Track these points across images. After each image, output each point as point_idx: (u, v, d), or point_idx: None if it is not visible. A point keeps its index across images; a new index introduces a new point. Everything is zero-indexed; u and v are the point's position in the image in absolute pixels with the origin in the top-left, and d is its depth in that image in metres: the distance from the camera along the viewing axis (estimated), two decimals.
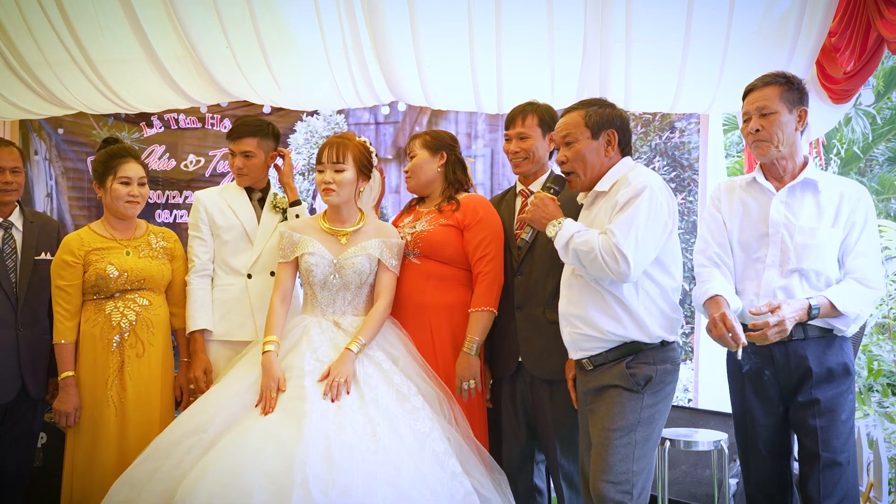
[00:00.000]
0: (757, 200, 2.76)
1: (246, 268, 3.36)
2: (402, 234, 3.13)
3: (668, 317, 2.66)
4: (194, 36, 4.21)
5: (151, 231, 3.31)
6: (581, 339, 2.68)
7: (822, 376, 2.61)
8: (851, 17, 3.45)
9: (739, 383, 2.78)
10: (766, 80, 2.73)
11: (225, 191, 3.48)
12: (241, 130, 3.39)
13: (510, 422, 3.12)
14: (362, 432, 2.61)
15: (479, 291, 3.04)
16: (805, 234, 2.65)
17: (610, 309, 2.62)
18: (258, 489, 2.39)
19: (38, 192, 5.33)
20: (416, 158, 3.19)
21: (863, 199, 2.69)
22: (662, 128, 4.68)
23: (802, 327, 2.61)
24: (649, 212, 2.54)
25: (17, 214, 3.36)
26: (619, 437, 2.57)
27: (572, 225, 2.64)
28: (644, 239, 2.53)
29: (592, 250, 2.53)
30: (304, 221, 3.16)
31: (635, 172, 2.65)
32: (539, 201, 2.73)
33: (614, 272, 2.52)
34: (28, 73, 4.50)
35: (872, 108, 9.40)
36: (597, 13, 3.77)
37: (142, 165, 3.25)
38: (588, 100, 2.81)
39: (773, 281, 2.66)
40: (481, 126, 4.91)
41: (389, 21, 4.00)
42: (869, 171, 10.36)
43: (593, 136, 2.70)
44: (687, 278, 4.64)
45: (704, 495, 3.79)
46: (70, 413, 3.10)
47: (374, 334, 2.94)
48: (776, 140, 2.68)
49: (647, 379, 2.60)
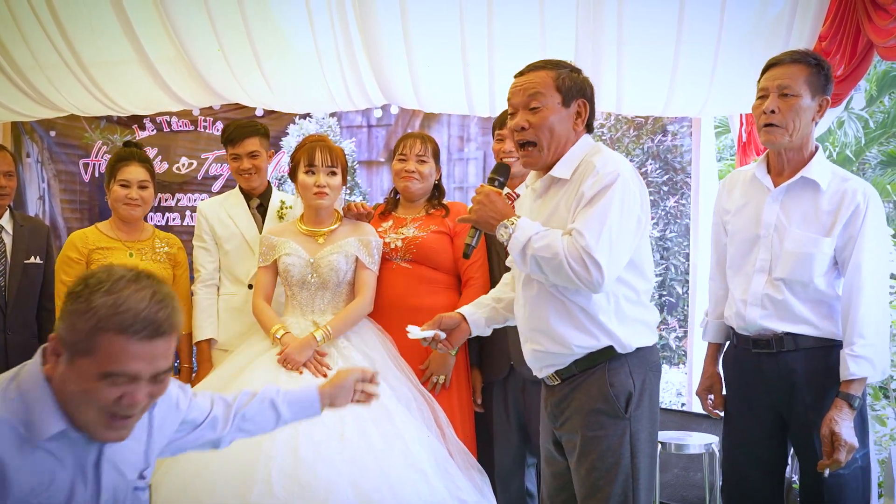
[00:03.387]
0: (754, 197, 2.52)
1: (247, 277, 3.34)
2: (388, 238, 3.13)
3: (644, 322, 2.27)
4: (186, 38, 4.20)
5: (157, 236, 3.33)
6: (544, 357, 2.26)
7: (814, 392, 2.41)
8: (841, 21, 3.46)
9: (733, 392, 2.64)
10: (794, 56, 2.43)
11: (226, 199, 3.48)
12: (243, 132, 3.37)
13: (502, 426, 3.12)
14: (332, 430, 2.62)
15: (467, 295, 3.05)
16: (795, 242, 2.41)
17: (575, 320, 2.19)
18: (222, 482, 2.43)
19: (30, 195, 5.31)
20: (428, 166, 3.16)
21: (865, 201, 2.38)
22: (655, 131, 4.69)
23: (793, 338, 2.43)
24: (623, 207, 2.10)
25: (6, 218, 3.35)
26: (611, 485, 2.18)
27: (528, 225, 2.15)
28: (618, 240, 2.09)
29: (556, 256, 2.07)
30: (283, 226, 3.20)
31: (601, 158, 2.17)
32: (484, 197, 2.20)
33: (585, 281, 2.07)
34: (20, 76, 4.49)
35: (865, 111, 9.44)
36: (588, 16, 3.78)
37: (146, 169, 3.24)
38: (554, 59, 2.30)
39: (761, 288, 2.47)
40: (474, 129, 4.91)
41: (381, 24, 4.00)
42: (861, 174, 10.39)
43: (564, 103, 2.21)
44: (679, 281, 4.66)
45: (696, 498, 3.80)
46: None
47: (344, 327, 2.94)
48: (791, 128, 2.40)
49: (627, 396, 2.20)
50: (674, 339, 4.67)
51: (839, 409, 2.32)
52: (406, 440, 2.68)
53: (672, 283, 4.70)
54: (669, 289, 4.70)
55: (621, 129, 4.76)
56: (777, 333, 2.45)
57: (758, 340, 2.50)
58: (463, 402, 3.12)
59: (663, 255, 4.69)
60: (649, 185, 4.66)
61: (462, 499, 2.67)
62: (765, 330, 2.47)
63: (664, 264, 4.69)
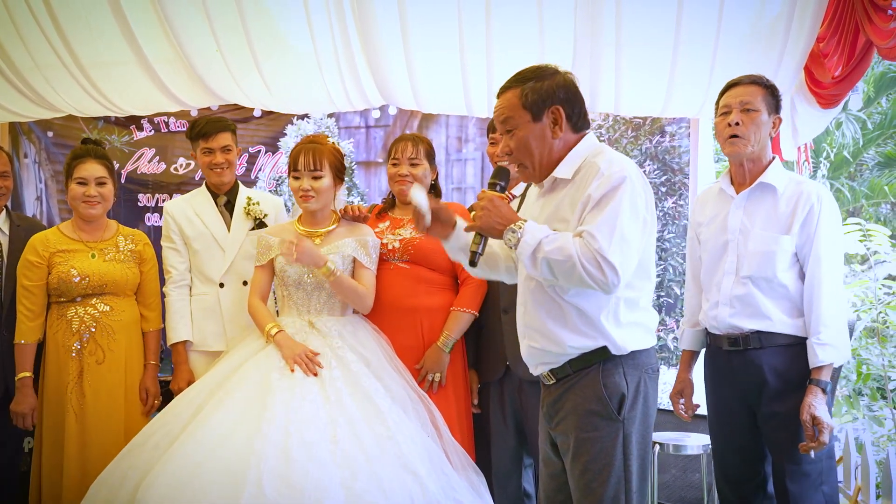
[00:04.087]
0: (722, 208, 2.75)
1: (218, 276, 3.31)
2: (386, 239, 3.13)
3: (641, 325, 2.27)
4: (184, 39, 4.20)
5: (121, 233, 3.26)
6: (540, 354, 2.29)
7: (778, 387, 2.60)
8: (840, 22, 3.46)
9: (710, 387, 2.83)
10: (751, 78, 2.71)
11: (193, 198, 3.42)
12: (216, 126, 3.32)
13: (499, 426, 3.12)
14: (324, 432, 2.63)
15: (464, 293, 3.07)
16: (758, 242, 2.63)
17: (570, 320, 2.21)
18: (215, 484, 2.44)
19: (27, 195, 5.31)
20: (422, 168, 3.14)
21: (819, 202, 2.60)
22: (653, 132, 4.69)
23: (759, 336, 2.63)
24: (632, 208, 2.12)
25: (2, 219, 3.35)
26: (604, 486, 2.21)
27: (536, 229, 2.13)
28: (630, 241, 2.11)
29: (570, 258, 2.06)
30: (280, 225, 3.20)
31: (605, 159, 2.19)
32: (488, 203, 2.18)
33: (600, 283, 2.07)
34: (17, 77, 4.48)
35: (863, 112, 9.45)
36: (587, 17, 3.79)
37: (103, 165, 3.17)
38: (524, 71, 2.27)
39: (730, 288, 2.67)
40: (472, 130, 4.91)
41: (380, 25, 4.00)
42: (859, 175, 10.41)
43: (534, 119, 2.21)
44: (677, 282, 4.66)
45: (694, 499, 3.80)
46: (26, 414, 3.09)
47: (349, 288, 2.98)
48: (753, 139, 2.65)
49: (620, 398, 2.21)
50: (672, 339, 4.67)
51: (814, 395, 2.52)
52: (399, 441, 2.67)
53: (670, 284, 4.70)
54: (668, 289, 4.70)
55: (619, 130, 4.76)
56: (745, 332, 2.66)
57: (728, 339, 2.70)
58: (460, 402, 3.12)
59: (661, 256, 4.69)
60: None
61: (458, 499, 2.67)
62: (734, 328, 2.68)
63: (662, 265, 4.70)
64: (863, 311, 4.92)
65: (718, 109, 2.76)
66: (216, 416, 2.68)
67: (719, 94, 2.78)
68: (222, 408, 2.70)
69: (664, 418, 3.58)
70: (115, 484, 2.65)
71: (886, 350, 4.92)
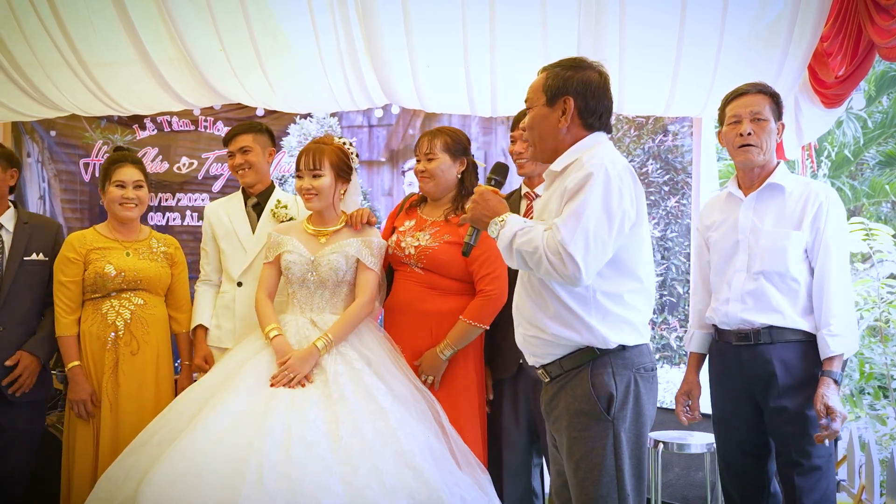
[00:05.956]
0: (731, 211, 2.83)
1: (238, 275, 3.40)
2: (405, 242, 3.11)
3: (626, 321, 2.27)
4: (188, 38, 4.20)
5: (154, 236, 3.41)
6: (532, 342, 2.34)
7: (787, 382, 2.65)
8: (843, 22, 3.47)
9: (716, 383, 2.86)
10: (757, 87, 2.79)
11: (229, 200, 3.56)
12: (235, 130, 3.48)
13: (511, 424, 3.12)
14: (325, 430, 2.65)
15: (475, 304, 3.01)
16: (769, 238, 2.70)
17: (551, 310, 2.26)
18: (214, 477, 2.46)
19: (30, 195, 5.31)
20: (438, 162, 3.09)
21: (827, 200, 2.70)
22: (655, 131, 4.69)
23: (769, 331, 2.67)
24: (602, 201, 2.13)
25: (8, 215, 3.36)
26: (596, 484, 2.23)
27: (516, 222, 2.22)
28: (596, 234, 2.11)
29: (537, 250, 2.13)
30: (291, 224, 3.25)
31: (591, 153, 2.23)
32: (478, 196, 2.28)
33: (562, 275, 2.11)
34: (20, 75, 4.48)
35: (864, 111, 9.46)
36: (590, 16, 3.79)
37: (139, 170, 3.33)
38: (563, 60, 2.37)
39: (743, 285, 2.73)
40: (475, 129, 4.91)
41: (383, 24, 4.00)
42: (860, 174, 10.42)
43: (548, 103, 2.30)
44: (680, 281, 4.66)
45: (697, 498, 3.81)
46: (85, 400, 3.17)
47: (345, 332, 2.95)
48: (765, 147, 2.74)
49: (608, 398, 2.23)
50: (674, 338, 4.67)
51: (826, 386, 2.57)
52: (400, 437, 2.68)
53: (672, 283, 4.70)
54: (670, 288, 4.70)
55: (622, 129, 4.76)
56: (755, 327, 2.70)
57: (738, 334, 2.74)
58: (478, 401, 3.11)
59: (664, 255, 4.69)
60: (650, 185, 4.66)
61: (461, 495, 2.67)
62: (745, 323, 2.72)
63: (665, 264, 4.70)
64: (865, 310, 4.93)
65: (726, 118, 2.82)
66: (218, 413, 2.69)
67: (723, 103, 2.85)
68: (224, 405, 2.72)
69: (667, 417, 3.59)
70: (118, 480, 2.67)
71: (889, 349, 4.93)
